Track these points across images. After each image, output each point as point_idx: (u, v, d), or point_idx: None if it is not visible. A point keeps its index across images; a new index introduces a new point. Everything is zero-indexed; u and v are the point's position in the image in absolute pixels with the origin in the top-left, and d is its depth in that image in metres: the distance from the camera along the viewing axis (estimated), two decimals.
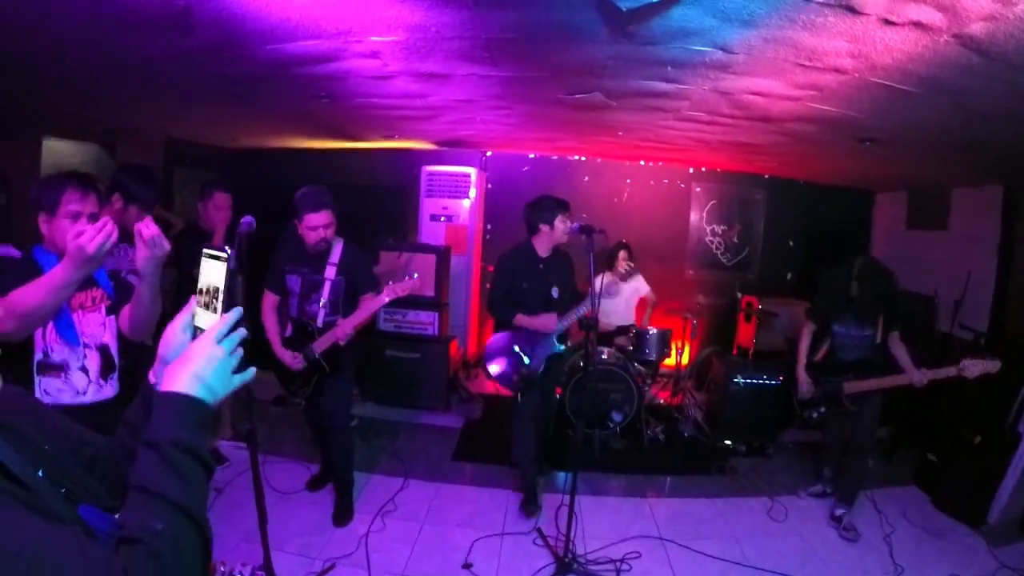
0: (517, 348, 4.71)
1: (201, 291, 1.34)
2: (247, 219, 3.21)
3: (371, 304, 4.21)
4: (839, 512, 4.87)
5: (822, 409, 5.04)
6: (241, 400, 3.10)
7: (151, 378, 1.38)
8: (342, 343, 4.19)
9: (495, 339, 4.85)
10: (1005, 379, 5.53)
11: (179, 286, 4.70)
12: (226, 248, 1.32)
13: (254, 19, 2.92)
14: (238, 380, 1.32)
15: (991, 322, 6.51)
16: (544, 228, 4.60)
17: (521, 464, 4.95)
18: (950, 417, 6.09)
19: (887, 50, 2.83)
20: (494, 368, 4.80)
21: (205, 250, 1.33)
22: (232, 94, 4.68)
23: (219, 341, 1.29)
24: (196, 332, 1.34)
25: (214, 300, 1.31)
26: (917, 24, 2.48)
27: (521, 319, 4.63)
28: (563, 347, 4.73)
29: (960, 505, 5.17)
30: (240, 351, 1.33)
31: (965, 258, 6.71)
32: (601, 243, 4.13)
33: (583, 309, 4.47)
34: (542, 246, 4.68)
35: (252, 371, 1.35)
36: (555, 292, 4.71)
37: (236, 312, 1.33)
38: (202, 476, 1.17)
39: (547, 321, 4.57)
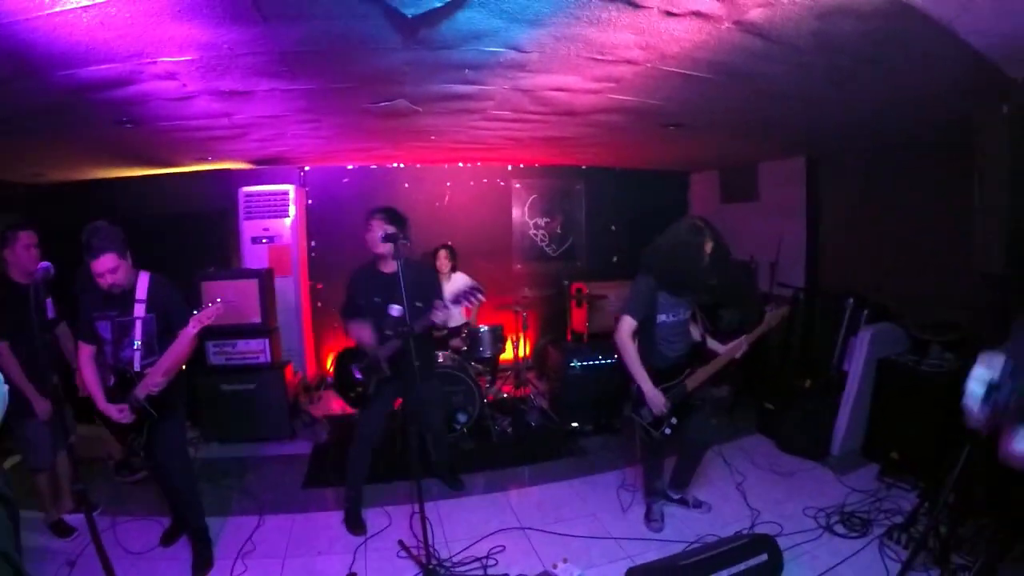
0: (354, 368, 4.64)
1: None
2: (43, 265, 3.02)
3: (179, 343, 3.83)
4: (676, 496, 4.82)
5: (674, 421, 4.24)
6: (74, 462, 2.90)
7: None
8: (156, 392, 3.81)
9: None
10: (824, 327, 6.36)
11: None
12: None
13: (43, 44, 2.72)
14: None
15: (806, 278, 7.17)
16: None
17: (349, 483, 4.80)
18: (781, 368, 6.73)
19: (673, 40, 2.98)
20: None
21: None
22: (28, 126, 4.32)
23: None
24: None
25: None
26: (697, 14, 2.63)
27: (350, 328, 4.56)
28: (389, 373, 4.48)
29: (802, 444, 5.65)
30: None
31: (777, 224, 7.37)
32: (406, 251, 4.12)
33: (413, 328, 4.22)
34: (382, 260, 4.51)
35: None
36: (395, 310, 4.44)
37: None
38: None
39: (360, 333, 4.47)
